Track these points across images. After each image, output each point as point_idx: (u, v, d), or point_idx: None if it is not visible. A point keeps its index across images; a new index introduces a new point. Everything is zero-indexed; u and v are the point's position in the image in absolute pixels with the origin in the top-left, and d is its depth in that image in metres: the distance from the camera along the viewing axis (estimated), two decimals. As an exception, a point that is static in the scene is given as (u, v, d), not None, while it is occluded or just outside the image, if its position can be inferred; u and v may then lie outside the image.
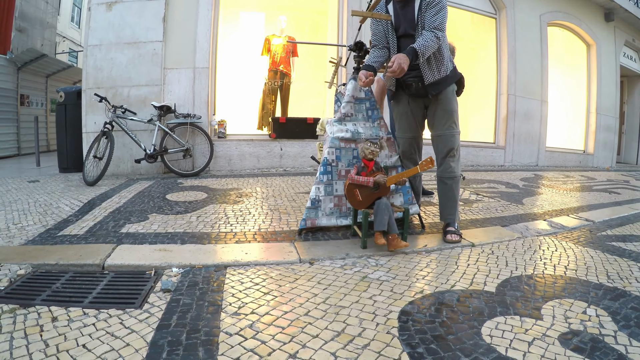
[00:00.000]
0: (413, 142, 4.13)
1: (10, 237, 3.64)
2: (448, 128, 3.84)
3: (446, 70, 3.76)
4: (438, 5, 3.53)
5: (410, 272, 3.03)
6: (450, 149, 3.85)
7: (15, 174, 7.65)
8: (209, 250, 3.41)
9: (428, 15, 3.55)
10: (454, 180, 3.91)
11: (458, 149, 3.91)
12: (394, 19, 3.79)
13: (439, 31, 3.50)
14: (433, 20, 3.52)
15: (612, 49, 13.20)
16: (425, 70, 3.70)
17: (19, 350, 1.92)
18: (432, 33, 3.47)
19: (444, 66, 3.73)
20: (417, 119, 4.06)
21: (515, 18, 10.72)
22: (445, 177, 3.92)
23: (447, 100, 3.82)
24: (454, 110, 3.86)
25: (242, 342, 2.03)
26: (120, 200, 5.09)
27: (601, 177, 9.47)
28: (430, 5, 3.55)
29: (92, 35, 7.46)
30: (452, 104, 3.85)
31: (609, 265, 3.27)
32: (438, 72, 3.72)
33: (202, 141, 7.59)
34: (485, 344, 2.03)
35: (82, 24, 22.07)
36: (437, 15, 3.52)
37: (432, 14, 3.53)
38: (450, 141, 3.84)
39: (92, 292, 2.60)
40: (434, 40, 3.45)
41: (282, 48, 9.01)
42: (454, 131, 3.85)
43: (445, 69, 3.74)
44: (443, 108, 3.83)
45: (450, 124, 3.84)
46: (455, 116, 3.87)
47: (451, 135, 3.84)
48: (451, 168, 3.88)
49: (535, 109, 11.25)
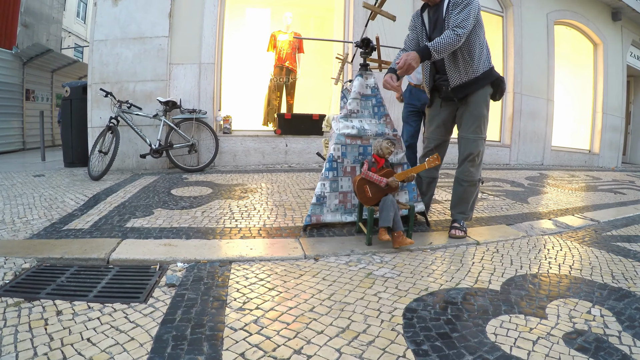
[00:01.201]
0: (439, 146, 4.03)
1: (15, 231, 3.65)
2: (472, 132, 3.73)
3: (475, 72, 3.61)
4: (463, 4, 3.40)
5: (415, 269, 3.03)
6: (469, 154, 3.76)
7: (20, 168, 7.68)
8: (214, 245, 3.42)
9: (453, 15, 3.44)
10: (470, 183, 3.84)
11: (480, 154, 3.80)
12: (428, 26, 3.72)
13: (460, 29, 3.34)
14: (455, 19, 3.39)
15: (619, 48, 13.12)
16: (450, 72, 3.62)
17: (24, 344, 1.93)
18: (453, 31, 3.34)
19: (472, 68, 3.59)
20: (446, 124, 3.97)
21: (522, 16, 10.67)
22: (462, 180, 3.87)
23: (476, 104, 3.71)
24: (483, 116, 3.73)
25: (246, 338, 2.03)
26: (125, 195, 5.10)
27: (606, 177, 9.43)
28: (456, 4, 3.44)
29: (98, 30, 7.47)
30: (481, 109, 3.72)
31: (614, 265, 3.25)
32: (466, 74, 3.60)
33: (207, 137, 7.60)
34: (489, 342, 2.03)
35: (88, 19, 22.14)
36: (460, 13, 3.39)
37: (456, 13, 3.41)
38: (471, 145, 3.75)
39: (97, 286, 2.61)
40: (452, 38, 3.32)
41: (288, 44, 9.00)
42: (478, 136, 3.74)
43: (474, 70, 3.60)
44: (470, 111, 3.73)
45: (475, 128, 3.73)
46: (483, 121, 3.75)
47: (473, 140, 3.74)
48: (470, 172, 3.81)
49: (541, 108, 11.20)
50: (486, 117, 3.77)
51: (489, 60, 3.73)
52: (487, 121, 3.79)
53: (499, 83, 3.75)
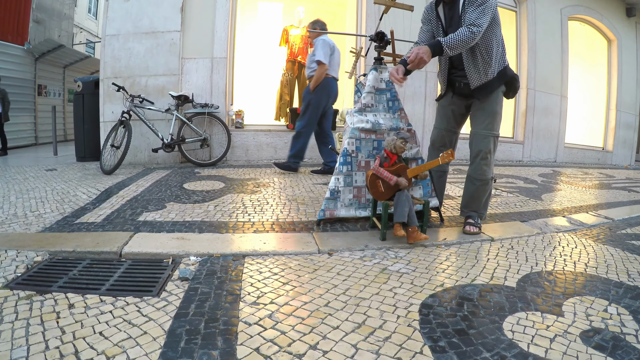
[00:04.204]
0: (445, 136, 4.03)
1: (27, 225, 3.66)
2: (484, 128, 3.72)
3: (493, 72, 3.60)
4: (479, 1, 3.35)
5: (430, 265, 3.00)
6: (480, 151, 3.73)
7: (32, 162, 7.73)
8: (227, 239, 3.40)
9: (469, 12, 3.39)
10: (482, 182, 3.81)
11: (491, 152, 3.77)
12: (444, 21, 3.68)
13: (476, 27, 3.28)
14: (471, 16, 3.34)
15: (634, 45, 12.95)
16: (470, 72, 3.60)
17: (35, 337, 1.92)
18: (468, 28, 3.29)
19: (491, 68, 3.57)
20: (456, 117, 3.96)
21: (535, 11, 10.55)
22: (474, 178, 3.83)
23: (489, 101, 3.70)
24: (496, 113, 3.73)
25: (261, 332, 2.01)
26: (138, 189, 5.10)
27: (620, 175, 9.33)
28: (472, 2, 3.39)
29: (109, 25, 7.49)
30: (495, 106, 3.72)
31: (629, 263, 3.20)
32: (485, 75, 3.58)
33: (219, 131, 7.60)
34: (507, 339, 2.00)
35: (99, 15, 22.27)
36: (476, 10, 3.34)
37: (472, 9, 3.37)
38: (482, 142, 3.72)
39: (109, 280, 2.60)
40: (467, 35, 3.27)
41: (301, 39, 8.96)
42: (489, 133, 3.72)
43: (492, 70, 3.59)
44: (483, 108, 3.73)
45: (488, 125, 3.71)
46: (497, 119, 3.74)
47: (484, 137, 3.72)
48: (482, 170, 3.77)
49: (555, 104, 11.08)
50: (499, 114, 3.75)
51: (504, 58, 3.72)
52: (500, 118, 3.77)
53: (512, 82, 3.75)
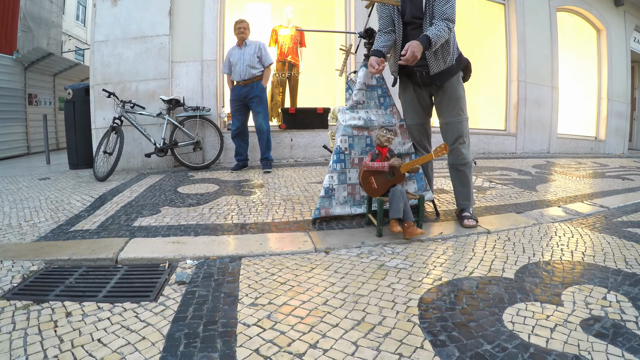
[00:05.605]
0: (421, 129, 4.07)
1: (22, 234, 3.63)
2: (455, 115, 3.79)
3: (452, 60, 3.69)
4: None
5: (427, 259, 3.00)
6: (458, 136, 3.81)
7: (25, 172, 7.68)
8: (223, 241, 3.39)
9: (438, 4, 3.47)
10: (466, 166, 3.88)
11: (467, 135, 3.87)
12: (401, 3, 3.73)
13: (452, 22, 3.46)
14: (444, 11, 3.44)
15: (623, 34, 13.02)
16: (431, 61, 3.65)
17: (34, 347, 1.90)
18: (445, 24, 3.41)
19: (450, 56, 3.66)
20: (424, 106, 4.00)
21: (524, 4, 10.57)
22: (457, 164, 3.89)
23: (452, 87, 3.77)
24: (461, 97, 3.80)
25: (260, 333, 2.00)
26: (132, 195, 5.08)
27: (613, 164, 9.36)
28: None
29: (98, 31, 7.45)
30: (458, 91, 3.79)
31: (626, 251, 3.21)
32: (444, 63, 3.66)
33: (211, 134, 7.59)
34: (507, 331, 2.00)
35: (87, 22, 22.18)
36: (447, 4, 3.44)
37: (443, 4, 3.45)
38: (457, 128, 3.80)
39: (106, 286, 2.58)
40: (446, 31, 3.40)
41: (290, 39, 8.94)
42: (461, 118, 3.81)
43: (451, 58, 3.68)
44: (449, 95, 3.78)
45: (457, 110, 3.79)
46: (462, 102, 3.81)
47: (458, 122, 3.80)
48: (462, 155, 3.84)
49: (546, 96, 11.11)
50: (464, 97, 3.84)
51: (458, 46, 3.82)
52: (465, 102, 3.85)
53: (468, 66, 3.88)
